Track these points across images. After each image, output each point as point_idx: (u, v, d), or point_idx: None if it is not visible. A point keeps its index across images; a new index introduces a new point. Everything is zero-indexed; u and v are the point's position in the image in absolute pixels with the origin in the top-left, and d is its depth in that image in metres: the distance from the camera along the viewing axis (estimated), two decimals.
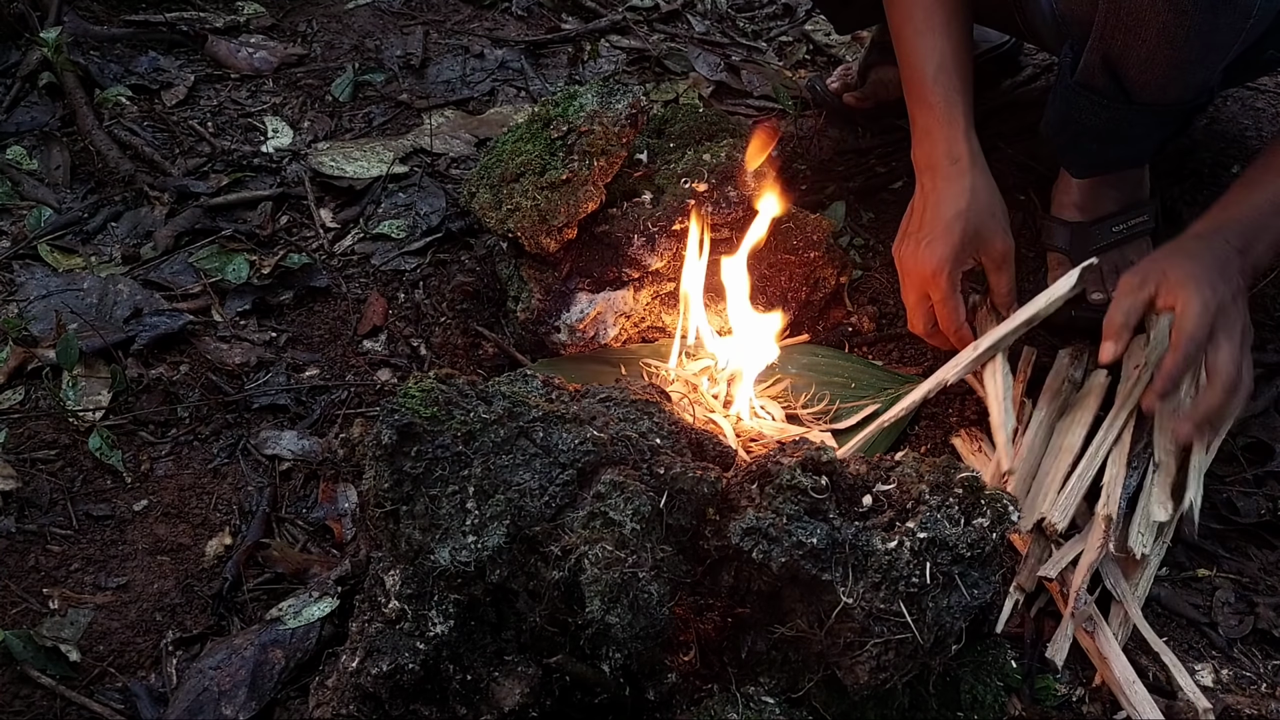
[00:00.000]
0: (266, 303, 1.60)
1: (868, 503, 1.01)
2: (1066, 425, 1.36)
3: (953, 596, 0.94)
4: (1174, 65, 1.24)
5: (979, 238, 1.37)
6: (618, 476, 0.97)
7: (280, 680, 1.13)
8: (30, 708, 1.12)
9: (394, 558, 1.02)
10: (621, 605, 0.92)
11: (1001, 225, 1.39)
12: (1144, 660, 1.18)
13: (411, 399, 1.00)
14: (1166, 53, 1.22)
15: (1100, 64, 1.29)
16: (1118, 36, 1.23)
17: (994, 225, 1.38)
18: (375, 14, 2.24)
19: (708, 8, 2.35)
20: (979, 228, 1.36)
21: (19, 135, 1.87)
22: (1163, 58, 1.23)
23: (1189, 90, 1.28)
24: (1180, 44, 1.20)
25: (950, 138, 1.38)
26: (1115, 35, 1.24)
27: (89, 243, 1.70)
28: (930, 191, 1.39)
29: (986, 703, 1.04)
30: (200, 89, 2.01)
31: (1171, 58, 1.22)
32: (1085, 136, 1.41)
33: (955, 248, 1.34)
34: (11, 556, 1.26)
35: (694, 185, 1.45)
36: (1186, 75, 1.26)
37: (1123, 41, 1.24)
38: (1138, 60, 1.25)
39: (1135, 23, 1.20)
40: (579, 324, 1.46)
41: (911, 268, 1.38)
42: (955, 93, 1.39)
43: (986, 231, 1.37)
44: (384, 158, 1.86)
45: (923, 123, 1.41)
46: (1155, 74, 1.26)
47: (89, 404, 1.41)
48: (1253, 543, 1.34)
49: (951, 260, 1.34)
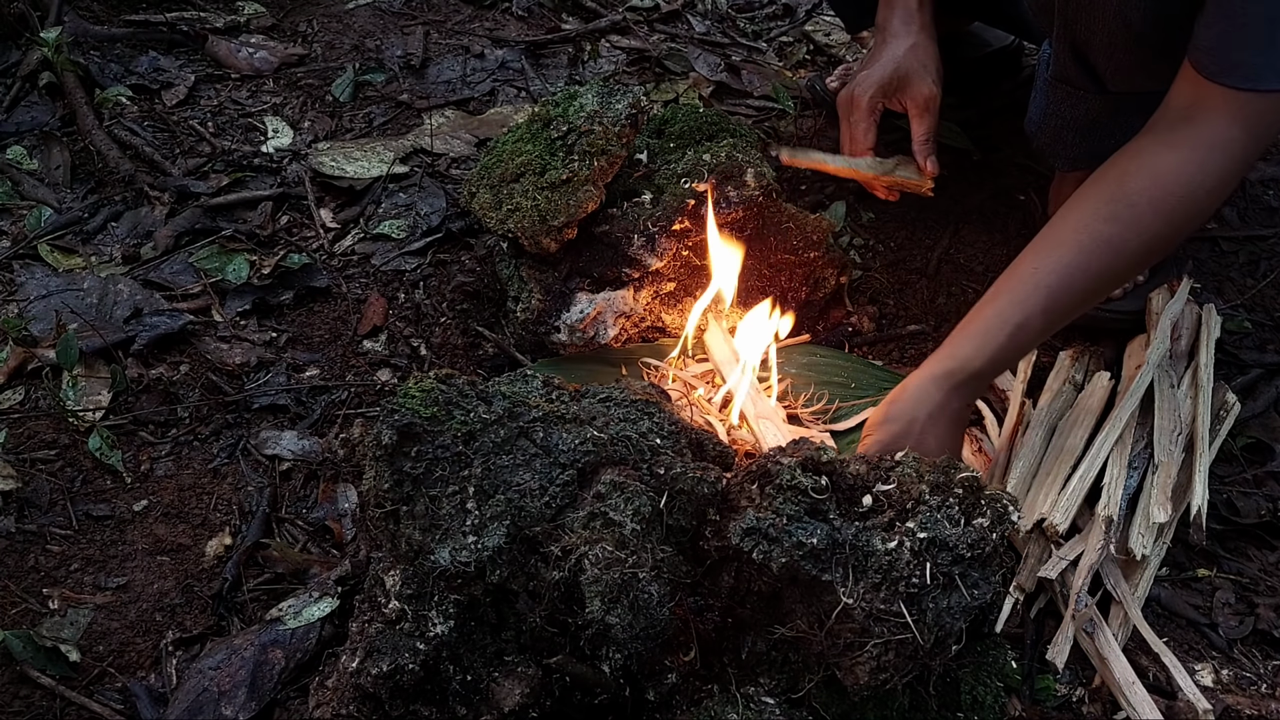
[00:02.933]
0: (266, 303, 1.60)
1: (868, 503, 1.01)
2: (1067, 426, 1.36)
3: (953, 597, 0.94)
4: (1137, 49, 1.24)
5: (907, 80, 1.48)
6: (618, 477, 0.97)
7: (280, 680, 1.13)
8: (30, 708, 1.12)
9: (394, 558, 1.02)
10: (621, 605, 0.92)
11: (931, 76, 1.49)
12: (1144, 661, 1.18)
13: (411, 399, 1.00)
14: (1125, 36, 1.23)
15: (1069, 54, 1.30)
16: (1078, 21, 1.25)
17: (923, 74, 1.49)
18: (375, 14, 2.24)
19: (708, 8, 2.35)
20: (909, 72, 1.48)
21: (19, 135, 1.87)
22: (1123, 42, 1.24)
23: (1159, 76, 1.26)
24: (1136, 25, 1.21)
25: (907, 5, 1.52)
26: (1076, 21, 1.25)
27: (89, 243, 1.69)
28: (880, 45, 1.53)
29: (986, 703, 1.04)
30: (200, 89, 2.01)
31: (1131, 41, 1.23)
32: (1066, 130, 1.42)
33: (882, 81, 1.48)
34: (11, 556, 1.26)
35: (694, 185, 1.45)
36: (1151, 60, 1.25)
37: (1084, 26, 1.25)
38: (1101, 45, 1.26)
39: (1090, 5, 1.22)
40: (579, 324, 1.46)
41: (843, 97, 1.51)
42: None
43: (915, 77, 1.48)
44: (384, 158, 1.86)
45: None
46: (1121, 59, 1.26)
47: (89, 404, 1.41)
48: (1253, 543, 1.34)
49: (874, 88, 1.48)
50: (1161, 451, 1.31)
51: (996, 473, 1.34)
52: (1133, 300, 1.53)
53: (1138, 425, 1.35)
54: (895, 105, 1.50)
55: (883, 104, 1.49)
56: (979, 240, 1.74)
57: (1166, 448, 1.31)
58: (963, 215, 1.77)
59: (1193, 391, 1.40)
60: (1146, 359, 1.40)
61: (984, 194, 1.81)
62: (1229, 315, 1.58)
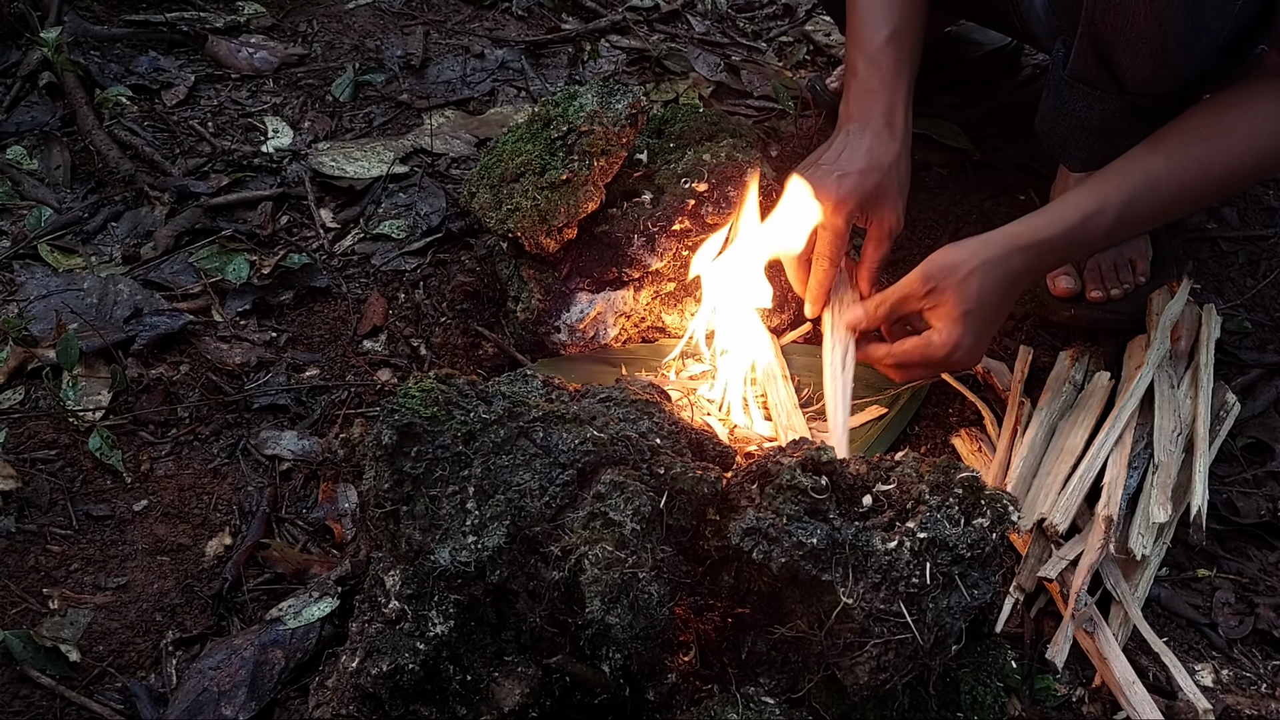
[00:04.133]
0: (266, 303, 1.60)
1: (868, 503, 1.01)
2: (1068, 426, 1.36)
3: (953, 597, 0.94)
4: (1162, 49, 1.24)
5: (883, 202, 1.37)
6: (618, 476, 0.97)
7: (280, 680, 1.13)
8: (30, 708, 1.12)
9: (394, 558, 1.02)
10: (621, 605, 0.92)
11: (903, 203, 1.40)
12: (1144, 661, 1.18)
13: (411, 399, 1.00)
14: (1154, 34, 1.22)
15: (1091, 52, 1.30)
16: (1106, 19, 1.25)
17: (898, 199, 1.39)
18: (375, 14, 2.24)
19: (708, 8, 2.35)
20: (887, 192, 1.37)
21: (19, 135, 1.87)
22: (1151, 40, 1.23)
23: (1179, 77, 1.28)
24: (1167, 25, 1.20)
25: (891, 102, 1.39)
26: (1103, 19, 1.25)
27: (89, 243, 1.69)
28: (857, 138, 1.39)
29: (986, 703, 1.04)
30: (200, 89, 2.01)
31: (1159, 40, 1.23)
32: (1079, 130, 1.42)
33: (866, 192, 1.35)
34: (11, 556, 1.26)
35: (694, 185, 1.45)
36: (1175, 60, 1.26)
37: (1111, 25, 1.24)
38: (1126, 44, 1.25)
39: (1121, 3, 1.21)
40: (579, 324, 1.46)
41: (818, 190, 1.33)
42: (904, 65, 1.41)
43: (889, 201, 1.38)
44: (384, 158, 1.86)
45: (864, 79, 1.41)
46: (1144, 59, 1.26)
47: (89, 404, 1.41)
48: (1253, 543, 1.34)
49: (856, 198, 1.34)
50: (1161, 451, 1.31)
51: (996, 472, 1.34)
52: (1133, 300, 1.53)
53: (1138, 425, 1.35)
54: (859, 221, 1.39)
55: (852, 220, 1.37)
56: None
57: (1166, 448, 1.31)
58: (963, 215, 1.77)
59: (1193, 391, 1.40)
60: (1146, 359, 1.40)
61: (984, 194, 1.81)
62: (1229, 315, 1.58)
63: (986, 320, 1.27)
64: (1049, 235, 1.25)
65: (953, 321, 1.25)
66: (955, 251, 1.26)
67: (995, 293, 1.25)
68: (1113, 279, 1.54)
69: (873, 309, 1.31)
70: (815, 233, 1.36)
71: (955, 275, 1.24)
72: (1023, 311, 1.59)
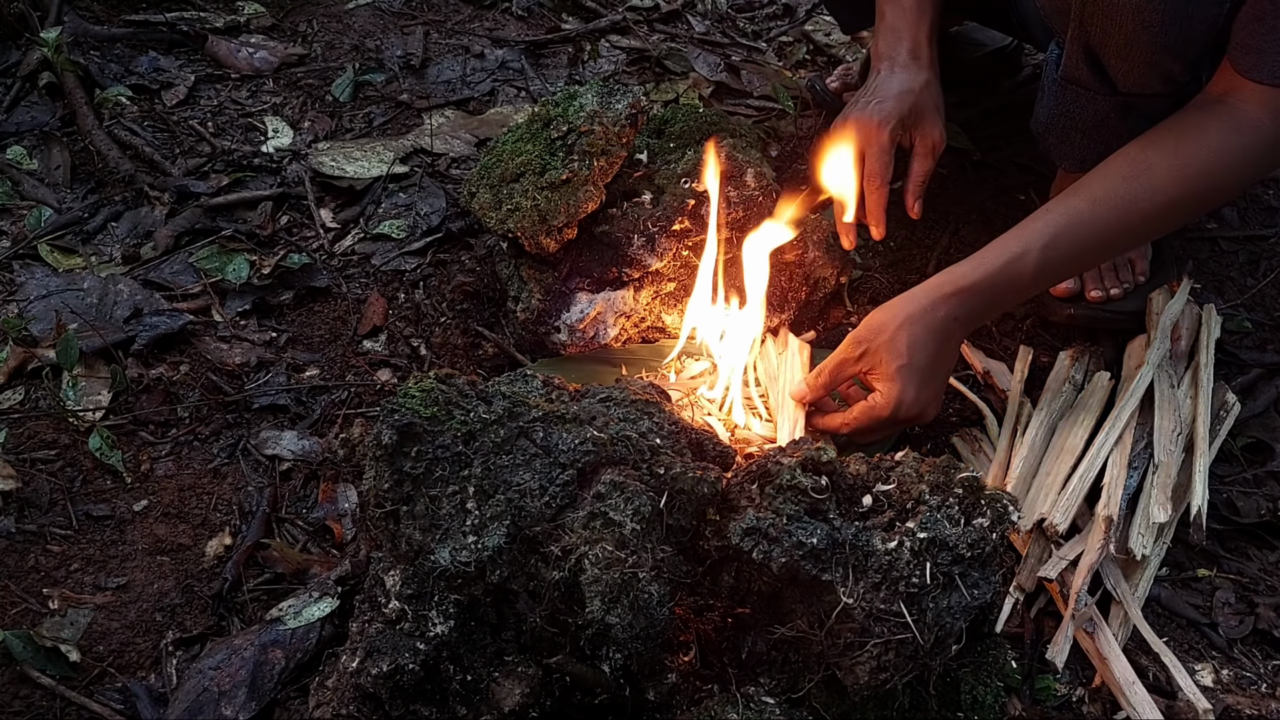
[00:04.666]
0: (266, 303, 1.60)
1: (868, 503, 1.01)
2: (1068, 426, 1.36)
3: (953, 596, 0.94)
4: (1153, 49, 1.24)
5: (923, 118, 1.45)
6: (618, 477, 0.97)
7: (280, 680, 1.13)
8: (30, 708, 1.12)
9: (394, 558, 1.02)
10: (622, 605, 0.92)
11: (942, 119, 1.47)
12: (1144, 661, 1.18)
13: (411, 399, 1.00)
14: (1144, 36, 1.23)
15: (1082, 54, 1.30)
16: (1095, 23, 1.25)
17: (936, 116, 1.46)
18: (375, 14, 2.24)
19: (708, 8, 2.35)
20: (925, 110, 1.45)
21: (19, 135, 1.87)
22: (1141, 42, 1.24)
23: (1171, 79, 1.29)
24: (1155, 26, 1.21)
25: (916, 38, 1.48)
26: (1093, 22, 1.25)
27: (89, 243, 1.70)
28: (887, 74, 1.48)
29: (986, 703, 1.04)
30: (200, 89, 2.01)
31: (1149, 41, 1.23)
32: (1074, 131, 1.42)
33: (903, 112, 1.43)
34: (11, 556, 1.26)
35: (694, 185, 1.45)
36: (1166, 62, 1.27)
37: (1100, 28, 1.25)
38: (1117, 46, 1.26)
39: (1109, 6, 1.21)
40: (579, 324, 1.46)
41: (859, 119, 1.42)
42: (927, 5, 1.49)
43: (929, 118, 1.45)
44: (384, 158, 1.86)
45: (891, 19, 1.51)
46: (1135, 60, 1.27)
47: (89, 404, 1.41)
48: (1253, 543, 1.34)
49: (896, 119, 1.42)
50: (1161, 451, 1.31)
51: (996, 472, 1.34)
52: (1133, 300, 1.53)
53: (1138, 425, 1.35)
54: (904, 140, 1.46)
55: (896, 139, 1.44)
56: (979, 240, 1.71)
57: (1166, 447, 1.31)
58: (963, 215, 1.77)
59: (1193, 391, 1.40)
60: (1146, 359, 1.40)
61: (984, 194, 1.81)
62: (1229, 315, 1.58)
63: (924, 373, 1.26)
64: (972, 281, 1.26)
65: (889, 379, 1.26)
66: (881, 313, 1.28)
67: (926, 345, 1.25)
68: (1112, 278, 1.54)
69: (813, 380, 1.33)
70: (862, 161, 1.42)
71: (884, 334, 1.25)
72: (1023, 312, 1.59)
